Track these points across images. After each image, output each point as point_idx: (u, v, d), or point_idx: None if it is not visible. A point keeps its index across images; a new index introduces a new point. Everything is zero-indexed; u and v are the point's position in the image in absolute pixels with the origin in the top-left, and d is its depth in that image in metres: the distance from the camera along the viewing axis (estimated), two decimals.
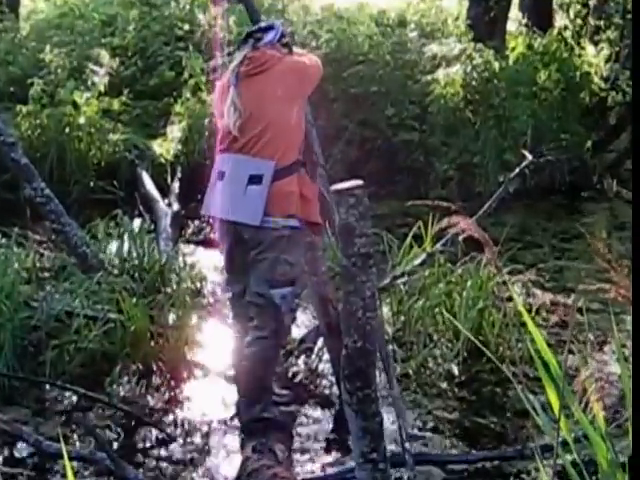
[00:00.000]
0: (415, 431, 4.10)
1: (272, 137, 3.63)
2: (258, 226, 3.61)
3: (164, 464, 3.85)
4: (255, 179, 3.59)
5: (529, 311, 5.20)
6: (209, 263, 5.94)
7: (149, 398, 4.41)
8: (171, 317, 4.82)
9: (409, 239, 5.61)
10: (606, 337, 4.99)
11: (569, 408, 2.18)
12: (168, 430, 4.08)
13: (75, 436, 4.04)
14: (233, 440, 4.00)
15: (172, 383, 4.52)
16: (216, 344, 4.81)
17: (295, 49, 3.94)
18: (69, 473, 1.93)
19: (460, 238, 5.14)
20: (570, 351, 2.24)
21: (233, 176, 3.64)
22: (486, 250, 2.35)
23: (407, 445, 3.26)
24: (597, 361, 4.40)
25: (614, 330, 2.60)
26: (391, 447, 3.85)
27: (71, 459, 3.56)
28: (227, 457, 3.90)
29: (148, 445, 4.00)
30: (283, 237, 3.67)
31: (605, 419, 2.24)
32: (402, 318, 5.29)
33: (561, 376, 2.06)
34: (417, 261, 5.35)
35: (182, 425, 4.17)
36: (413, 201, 4.54)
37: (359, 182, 2.46)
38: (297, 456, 3.89)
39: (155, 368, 4.59)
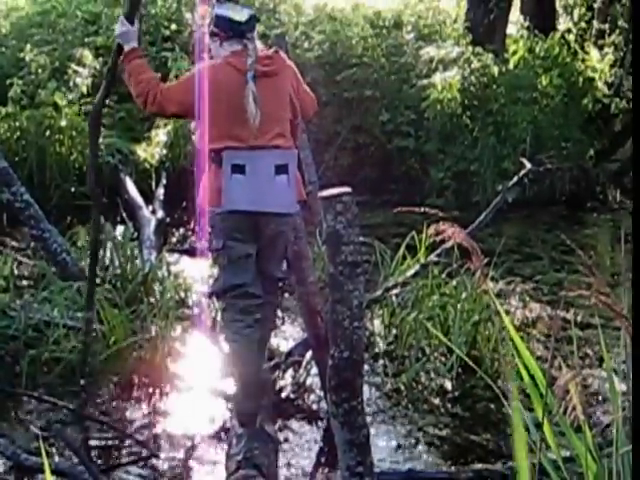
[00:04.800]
0: (405, 447, 4.17)
1: (285, 129, 3.95)
2: (286, 214, 3.94)
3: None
4: (281, 169, 3.88)
5: (525, 325, 5.33)
6: (194, 273, 6.00)
7: (129, 412, 4.47)
8: (154, 328, 4.88)
9: (402, 249, 5.71)
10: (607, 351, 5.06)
11: (558, 424, 2.25)
12: (149, 444, 4.13)
13: (53, 450, 4.09)
14: (216, 455, 4.06)
15: (153, 396, 4.59)
16: (200, 356, 4.88)
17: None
18: None
19: (455, 249, 5.30)
20: (560, 366, 2.28)
21: (258, 168, 3.85)
22: (473, 258, 2.42)
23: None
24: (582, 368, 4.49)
25: (602, 343, 2.67)
26: (381, 464, 3.94)
27: (51, 473, 3.61)
28: (211, 472, 3.95)
29: (128, 459, 4.04)
30: (296, 221, 4.10)
31: (588, 425, 2.31)
32: (394, 331, 5.38)
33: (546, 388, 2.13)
34: (410, 272, 5.44)
35: (164, 439, 4.22)
36: (405, 209, 4.64)
37: (347, 189, 2.54)
38: (283, 471, 3.95)
39: (136, 380, 4.66)
